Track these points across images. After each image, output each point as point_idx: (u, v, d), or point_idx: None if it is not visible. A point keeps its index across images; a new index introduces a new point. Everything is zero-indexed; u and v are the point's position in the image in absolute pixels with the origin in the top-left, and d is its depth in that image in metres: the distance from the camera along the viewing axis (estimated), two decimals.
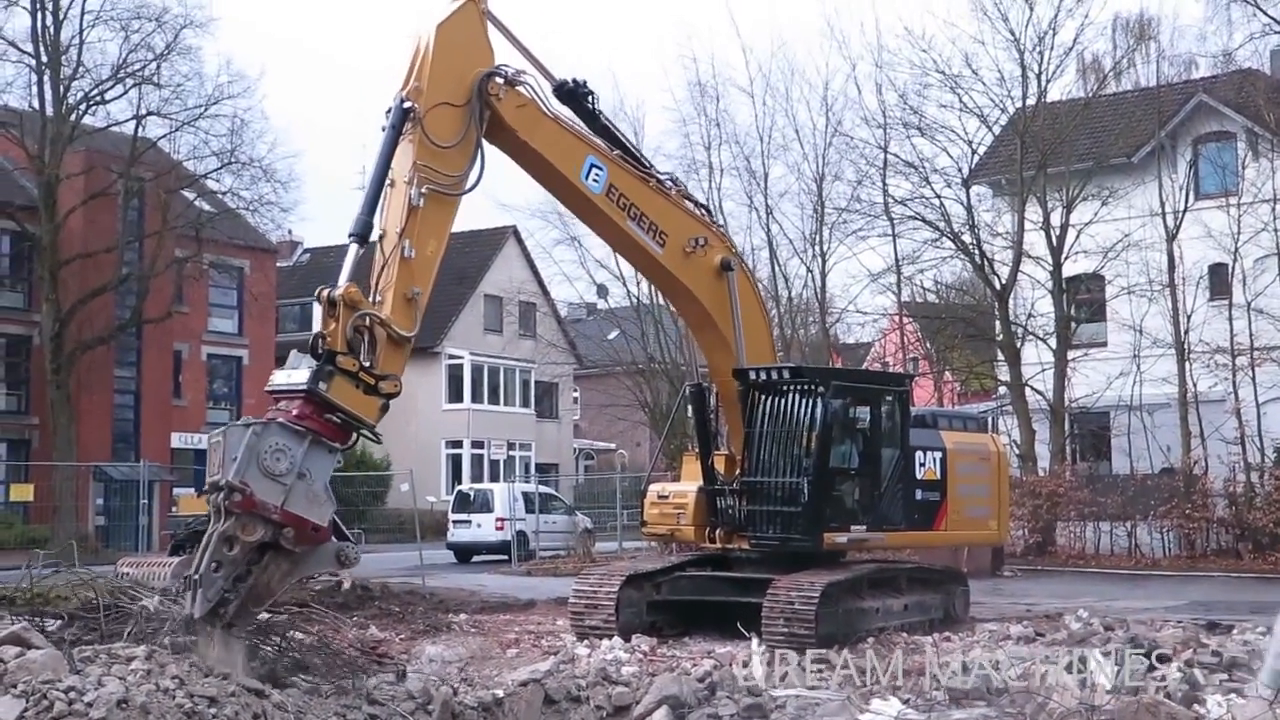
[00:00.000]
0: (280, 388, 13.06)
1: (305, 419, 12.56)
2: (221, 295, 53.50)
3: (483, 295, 63.83)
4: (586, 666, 14.10)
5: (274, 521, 11.98)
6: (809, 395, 18.54)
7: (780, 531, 18.31)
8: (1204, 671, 12.55)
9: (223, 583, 11.84)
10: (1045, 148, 36.82)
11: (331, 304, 13.16)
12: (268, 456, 12.04)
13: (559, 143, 16.68)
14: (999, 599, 23.81)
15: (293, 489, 12.13)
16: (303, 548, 12.32)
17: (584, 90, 17.55)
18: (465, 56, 15.19)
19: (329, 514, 12.57)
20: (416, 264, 14.02)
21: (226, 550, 11.87)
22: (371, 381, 13.11)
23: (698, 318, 19.02)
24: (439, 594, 24.92)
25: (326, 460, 12.72)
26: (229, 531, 11.86)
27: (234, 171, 46.55)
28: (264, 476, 11.99)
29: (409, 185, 14.07)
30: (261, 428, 12.24)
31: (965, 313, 44.54)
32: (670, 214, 18.05)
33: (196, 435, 50.60)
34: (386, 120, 14.43)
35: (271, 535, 12.04)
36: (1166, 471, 34.89)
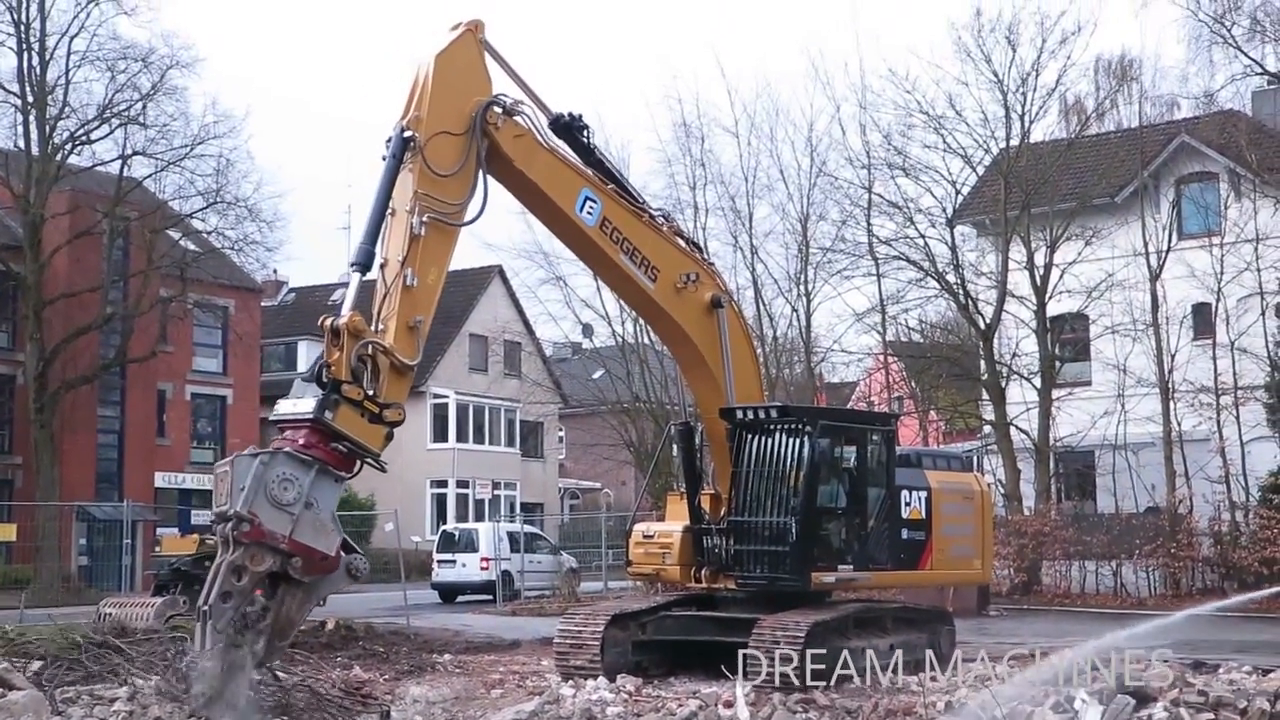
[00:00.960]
0: (286, 417, 13.07)
1: (312, 448, 12.61)
2: (206, 334, 53.42)
3: (468, 335, 63.83)
4: (571, 707, 14.05)
5: (282, 551, 12.01)
6: (796, 434, 18.51)
7: (768, 571, 18.25)
8: (1190, 711, 12.54)
9: (232, 613, 11.81)
10: (1029, 188, 37.00)
11: (335, 333, 13.20)
12: (275, 486, 12.08)
13: (555, 174, 16.76)
14: (985, 638, 23.74)
15: (300, 518, 12.16)
16: (312, 577, 12.35)
17: (579, 124, 17.67)
18: (464, 86, 15.32)
19: (336, 542, 12.59)
20: (419, 292, 14.16)
21: (235, 580, 11.87)
22: (376, 410, 13.16)
23: (687, 355, 19.02)
24: (423, 634, 24.82)
25: (333, 489, 12.78)
26: (238, 561, 11.86)
27: (219, 211, 46.72)
28: (271, 506, 12.03)
29: (410, 214, 14.17)
30: (269, 457, 12.28)
31: (950, 352, 44.61)
32: (662, 249, 18.09)
33: (180, 475, 50.50)
34: (386, 149, 14.50)
35: (280, 565, 12.06)
36: (1151, 510, 34.94)
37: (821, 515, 18.52)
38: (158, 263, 45.20)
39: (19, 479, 45.52)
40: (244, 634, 11.85)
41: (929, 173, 39.12)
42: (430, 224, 14.32)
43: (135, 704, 10.52)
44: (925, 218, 39.50)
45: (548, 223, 17.98)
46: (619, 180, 18.09)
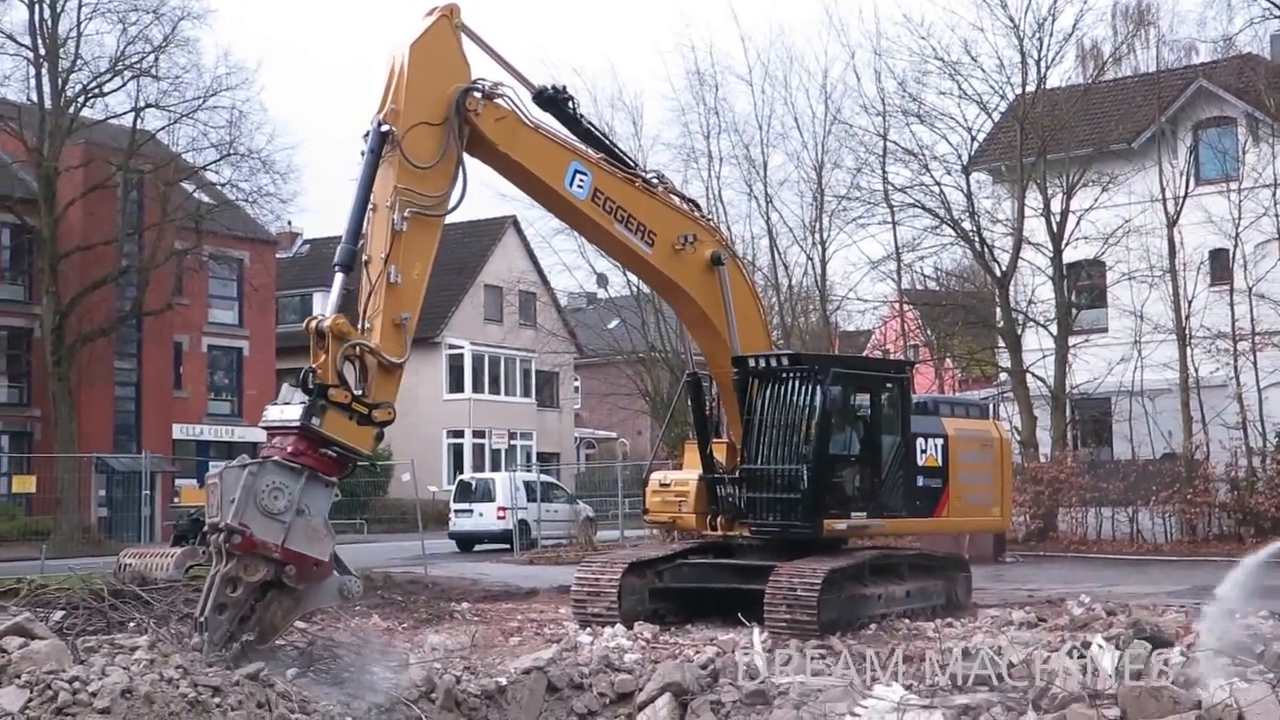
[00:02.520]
0: (274, 424, 13.01)
1: (301, 455, 12.55)
2: (221, 287, 53.50)
3: (482, 285, 63.81)
4: (589, 654, 14.12)
5: (275, 560, 12.03)
6: (808, 382, 18.51)
7: (780, 519, 18.30)
8: None
9: (227, 625, 11.90)
10: (1045, 134, 36.80)
11: (320, 336, 13.04)
12: (265, 495, 12.07)
13: (541, 152, 16.49)
14: (1001, 585, 23.84)
15: (292, 526, 12.17)
16: (305, 584, 12.39)
17: (564, 96, 17.42)
18: (441, 73, 14.93)
19: (329, 549, 12.60)
20: (403, 289, 13.91)
21: (230, 592, 11.94)
22: (365, 411, 13.09)
23: (691, 314, 18.97)
24: (441, 583, 24.96)
25: (324, 494, 12.76)
26: (231, 573, 11.92)
27: (233, 163, 46.65)
28: (263, 516, 12.03)
29: (391, 210, 13.89)
30: (257, 467, 12.27)
31: (966, 300, 44.56)
32: (658, 213, 17.92)
33: (197, 426, 50.72)
34: (364, 144, 14.22)
35: (274, 573, 12.09)
36: (1168, 457, 34.91)
37: (834, 463, 18.55)
38: (172, 215, 45.19)
39: (38, 431, 45.74)
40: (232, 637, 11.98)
41: (944, 119, 38.99)
42: (412, 218, 14.06)
43: (156, 653, 10.57)
44: (941, 165, 39.40)
45: (539, 199, 17.92)
46: (609, 148, 17.93)
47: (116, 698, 9.44)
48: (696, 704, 12.19)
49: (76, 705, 9.39)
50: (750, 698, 12.20)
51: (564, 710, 12.47)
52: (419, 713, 11.29)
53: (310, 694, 10.88)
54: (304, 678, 11.61)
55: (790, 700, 12.13)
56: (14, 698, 9.47)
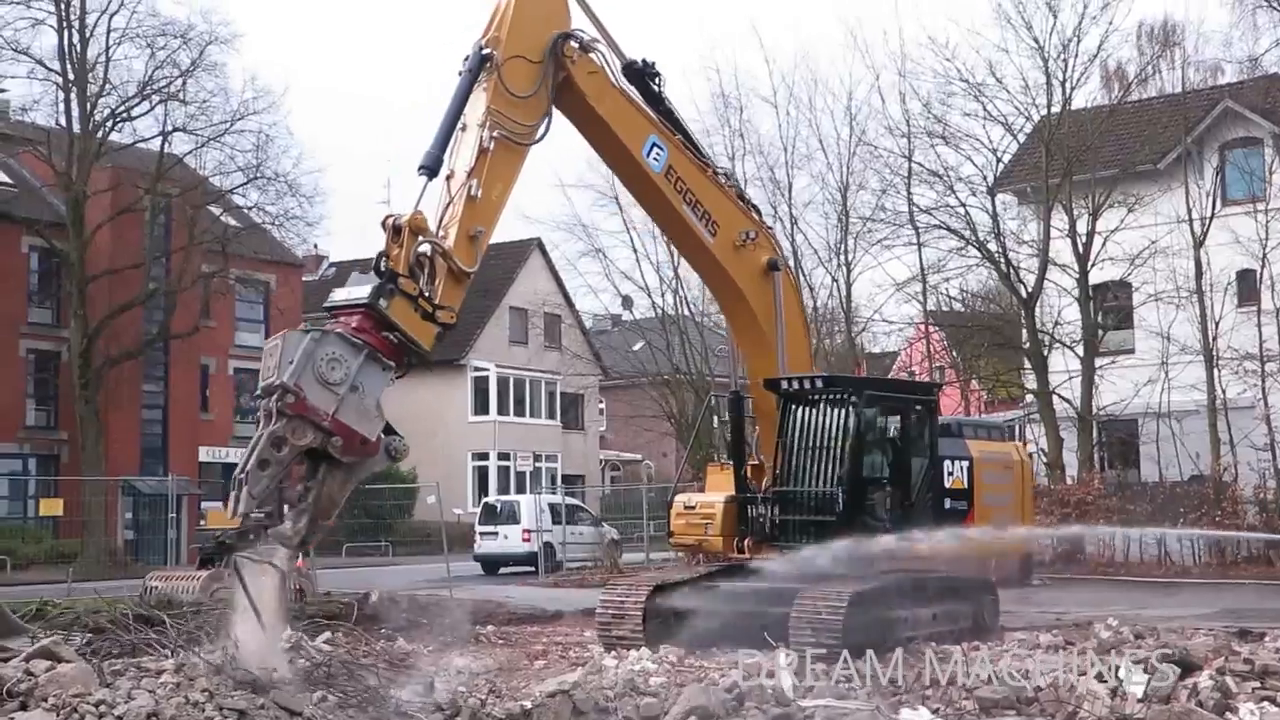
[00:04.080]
0: (339, 303, 13.11)
1: (364, 333, 12.64)
2: (248, 309, 53.76)
3: (508, 307, 63.93)
4: (614, 677, 14.07)
5: (323, 429, 12.00)
6: (841, 405, 18.49)
7: (813, 541, 18.23)
8: (1236, 680, 12.45)
9: (268, 481, 11.84)
10: (1070, 155, 36.71)
11: (396, 230, 13.26)
12: (323, 364, 12.07)
13: (624, 114, 17.00)
14: (1028, 608, 23.69)
15: (344, 399, 12.16)
16: (350, 459, 12.35)
17: (652, 71, 17.82)
18: (544, 15, 15.73)
19: (378, 429, 12.57)
20: (481, 204, 14.28)
21: (275, 451, 11.89)
22: (429, 308, 13.25)
23: (742, 317, 19.01)
24: (466, 606, 24.91)
25: (380, 377, 12.75)
26: (279, 432, 11.89)
27: (260, 186, 46.88)
28: (317, 383, 12.01)
29: (481, 128, 14.39)
30: (320, 334, 12.29)
31: (991, 321, 44.42)
32: (723, 205, 18.27)
33: (224, 449, 50.84)
34: (463, 66, 14.80)
35: (320, 442, 12.04)
36: (1196, 479, 34.70)
37: (867, 485, 18.51)
38: (199, 238, 45.46)
39: (65, 454, 45.97)
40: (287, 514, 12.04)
41: (969, 141, 38.92)
42: (499, 140, 14.58)
43: (183, 675, 10.60)
44: (966, 186, 39.34)
45: (614, 163, 18.15)
46: (686, 132, 18.25)
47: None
48: None
49: None
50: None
51: None
52: None
53: (335, 717, 10.89)
54: (328, 701, 11.61)
55: None
56: None
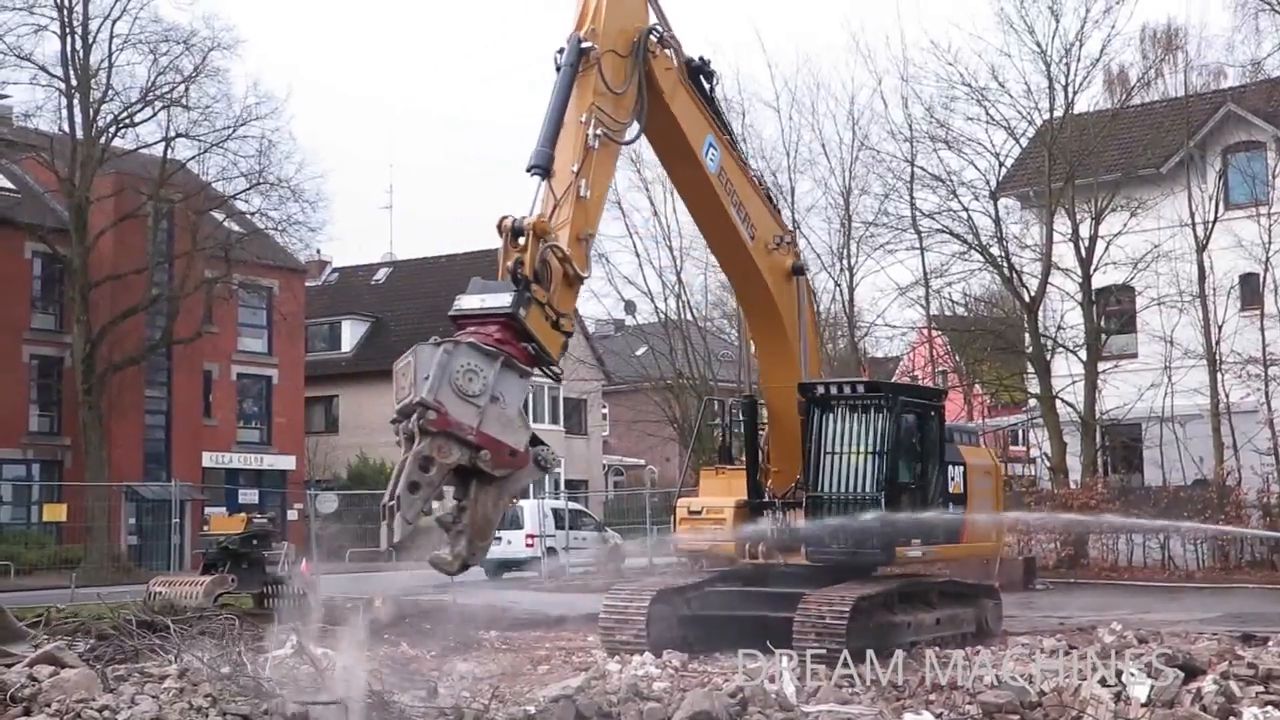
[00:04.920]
0: (470, 311, 12.53)
1: (505, 344, 12.11)
2: (251, 315, 53.76)
3: None
4: (618, 682, 14.07)
5: (469, 443, 11.44)
6: (879, 410, 18.55)
7: (851, 546, 18.23)
8: (1240, 684, 12.44)
9: (420, 504, 11.33)
10: (1073, 159, 36.71)
11: (517, 233, 12.76)
12: (460, 376, 11.49)
13: (691, 113, 16.90)
14: (1032, 612, 23.70)
15: (486, 411, 11.58)
16: (503, 471, 11.83)
17: (709, 70, 17.67)
18: (630, 10, 15.57)
19: (526, 439, 12.05)
20: (590, 206, 13.96)
21: (423, 472, 11.30)
22: (554, 317, 12.83)
23: (767, 321, 18.98)
24: (469, 611, 24.90)
25: (519, 385, 12.17)
26: (425, 452, 11.28)
27: (262, 192, 46.87)
28: (457, 397, 11.44)
29: (584, 125, 14.01)
30: (453, 347, 11.70)
31: (994, 325, 44.42)
32: (759, 208, 18.36)
33: (227, 454, 50.89)
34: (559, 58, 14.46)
35: (468, 459, 11.50)
36: (1199, 483, 34.69)
37: (902, 490, 18.56)
38: (202, 244, 45.47)
39: (68, 460, 45.97)
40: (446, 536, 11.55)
41: (972, 145, 38.92)
42: (601, 139, 14.27)
43: (186, 681, 10.60)
44: (969, 190, 39.33)
45: (672, 161, 17.86)
46: (731, 133, 18.37)
47: None
48: None
49: None
50: None
51: None
52: None
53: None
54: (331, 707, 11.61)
55: None
56: None
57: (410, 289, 66.01)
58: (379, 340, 64.13)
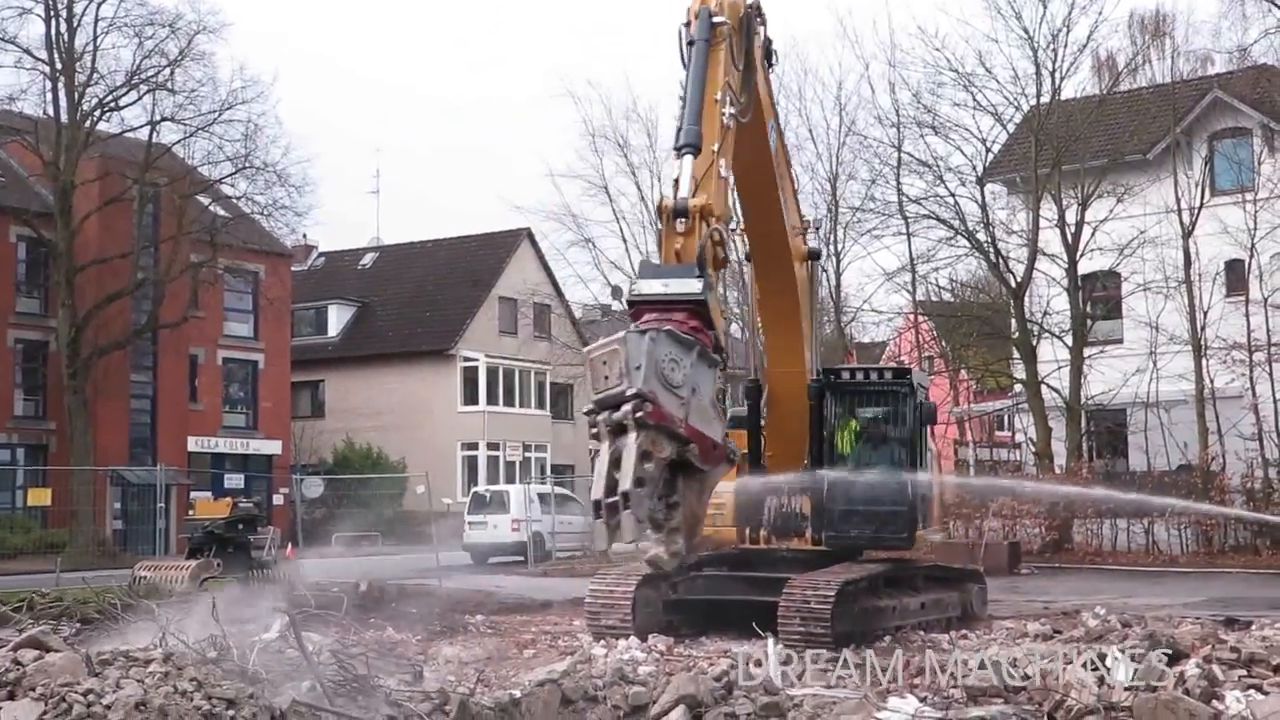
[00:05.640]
0: (653, 297, 12.03)
1: (698, 331, 11.71)
2: (237, 300, 53.62)
3: (497, 297, 63.87)
4: (603, 666, 14.09)
5: (680, 437, 11.09)
6: (901, 396, 18.70)
7: (874, 530, 18.36)
8: (1223, 668, 12.50)
9: (650, 502, 10.95)
10: (1060, 145, 36.76)
11: (678, 214, 12.34)
12: (665, 366, 11.07)
13: (767, 90, 16.71)
14: (1016, 596, 23.79)
15: (689, 403, 11.22)
16: (709, 466, 11.54)
17: (772, 49, 17.19)
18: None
19: (723, 431, 11.75)
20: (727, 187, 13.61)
21: (645, 467, 10.86)
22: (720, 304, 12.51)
23: (785, 303, 18.93)
24: (455, 595, 24.94)
25: (711, 375, 11.79)
26: (644, 446, 10.84)
27: (248, 176, 46.81)
28: (664, 388, 11.05)
29: (718, 104, 13.63)
30: (656, 334, 11.23)
31: (980, 311, 44.50)
32: (790, 192, 18.44)
33: (213, 439, 50.80)
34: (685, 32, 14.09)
35: (678, 452, 11.15)
36: (1184, 468, 34.82)
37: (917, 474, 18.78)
38: (188, 228, 45.34)
39: (53, 444, 45.84)
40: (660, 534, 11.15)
41: (959, 131, 39.00)
42: (733, 117, 13.98)
43: (171, 665, 10.58)
44: (955, 176, 39.41)
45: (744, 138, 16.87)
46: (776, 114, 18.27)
47: (130, 710, 9.45)
48: (710, 716, 12.16)
49: (91, 718, 9.40)
50: (764, 710, 12.17)
51: None
52: None
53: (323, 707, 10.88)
54: (315, 691, 11.60)
55: (804, 712, 12.10)
56: (29, 710, 9.48)
57: (397, 274, 65.96)
58: (365, 325, 64.09)
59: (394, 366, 60.50)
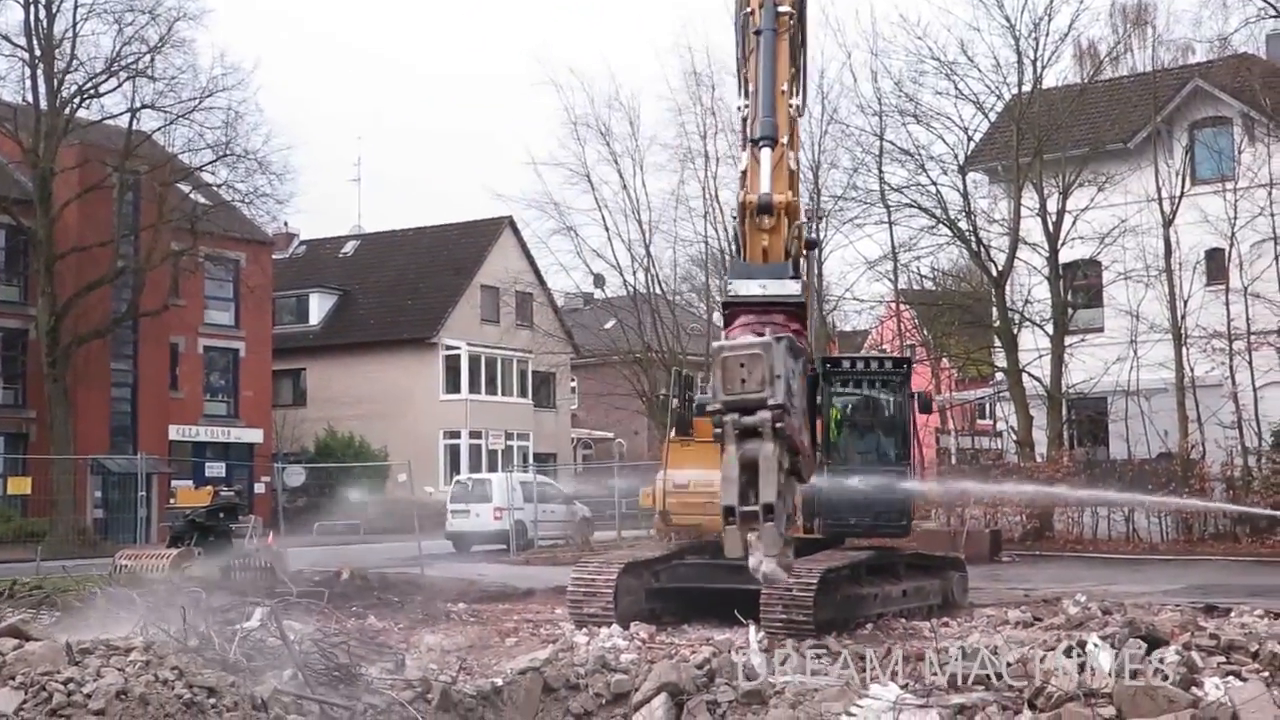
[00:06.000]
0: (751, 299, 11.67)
1: (799, 334, 11.54)
2: (217, 288, 53.46)
3: (479, 286, 63.79)
4: (585, 654, 14.10)
5: (796, 448, 11.06)
6: (895, 385, 18.72)
7: (873, 519, 18.40)
8: (1202, 655, 12.54)
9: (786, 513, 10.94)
10: (1041, 134, 36.80)
11: (765, 210, 11.92)
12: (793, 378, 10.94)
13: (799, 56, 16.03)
14: (997, 584, 23.85)
15: (796, 413, 11.11)
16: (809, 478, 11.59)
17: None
18: None
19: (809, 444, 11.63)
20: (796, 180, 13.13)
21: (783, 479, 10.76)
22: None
23: None
24: (437, 584, 24.93)
25: (804, 385, 11.75)
26: (779, 456, 10.67)
27: (229, 164, 46.59)
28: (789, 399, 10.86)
29: (785, 95, 13.22)
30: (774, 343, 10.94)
31: (962, 299, 44.58)
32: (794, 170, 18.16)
33: (194, 427, 50.67)
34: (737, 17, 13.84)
35: (792, 464, 11.11)
36: (1164, 456, 34.96)
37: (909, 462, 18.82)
38: (168, 216, 45.14)
39: (33, 433, 45.69)
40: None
41: (941, 119, 39.00)
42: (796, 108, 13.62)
43: (152, 654, 10.56)
44: (937, 165, 39.42)
45: None
46: None
47: (111, 699, 9.44)
48: (693, 704, 12.19)
49: (71, 707, 9.39)
50: (746, 698, 12.20)
51: (560, 710, 12.47)
52: (415, 713, 11.27)
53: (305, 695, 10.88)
54: (297, 679, 11.60)
55: (786, 700, 12.14)
56: (8, 699, 9.46)
57: (378, 262, 65.85)
58: (347, 313, 63.97)
59: (376, 355, 60.42)
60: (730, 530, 10.74)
